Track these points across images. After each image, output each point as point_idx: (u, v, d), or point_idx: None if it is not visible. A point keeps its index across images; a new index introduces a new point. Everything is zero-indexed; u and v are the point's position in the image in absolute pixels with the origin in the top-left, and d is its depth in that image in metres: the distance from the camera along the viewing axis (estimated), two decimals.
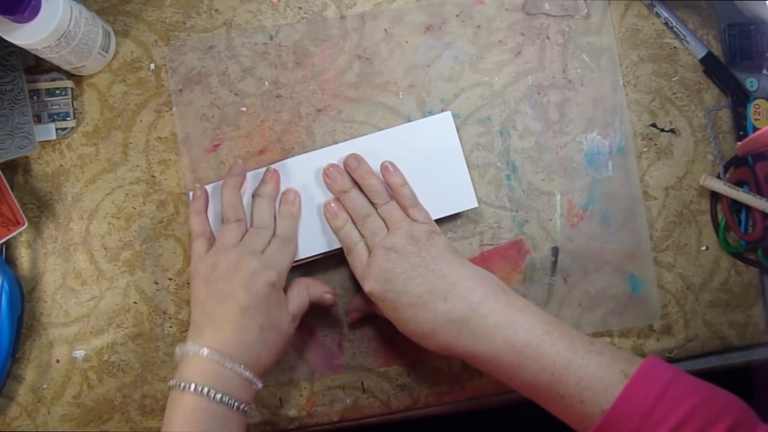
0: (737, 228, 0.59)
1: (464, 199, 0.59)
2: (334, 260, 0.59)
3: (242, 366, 0.48)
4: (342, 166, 0.57)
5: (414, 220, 0.54)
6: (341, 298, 0.59)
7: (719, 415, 0.42)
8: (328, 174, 0.57)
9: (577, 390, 0.45)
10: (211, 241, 0.55)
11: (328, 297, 0.56)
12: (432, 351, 0.51)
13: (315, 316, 0.59)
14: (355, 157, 0.57)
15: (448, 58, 0.60)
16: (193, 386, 0.47)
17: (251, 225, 0.55)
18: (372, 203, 0.56)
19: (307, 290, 0.55)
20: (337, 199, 0.57)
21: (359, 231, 0.55)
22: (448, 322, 0.49)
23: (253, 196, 0.56)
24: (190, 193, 0.58)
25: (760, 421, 0.44)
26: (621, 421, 0.43)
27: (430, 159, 0.59)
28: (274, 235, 0.55)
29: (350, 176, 0.57)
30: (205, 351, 0.48)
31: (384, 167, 0.57)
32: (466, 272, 0.51)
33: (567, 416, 0.47)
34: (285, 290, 0.54)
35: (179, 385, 0.47)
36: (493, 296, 0.50)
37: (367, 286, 0.52)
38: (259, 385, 0.50)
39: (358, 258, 0.54)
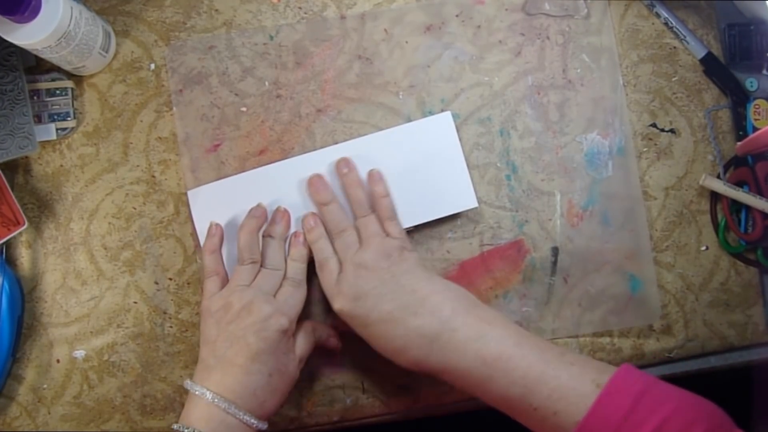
0: (737, 228, 0.59)
1: (464, 199, 0.59)
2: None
3: (247, 413, 0.49)
4: (335, 169, 0.57)
5: (387, 234, 0.54)
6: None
7: (693, 423, 0.42)
8: (312, 183, 0.57)
9: (550, 402, 0.45)
10: (224, 279, 0.55)
11: (332, 341, 0.57)
12: (405, 368, 0.51)
13: (315, 316, 0.59)
14: (346, 163, 0.57)
15: (448, 58, 0.61)
16: None
17: (262, 264, 0.55)
18: (353, 213, 0.56)
19: (314, 334, 0.56)
20: (314, 214, 0.57)
21: (333, 245, 0.55)
22: (418, 338, 0.49)
23: (264, 236, 0.56)
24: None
25: (736, 427, 0.43)
26: (595, 431, 0.43)
27: (430, 159, 0.59)
28: (285, 277, 0.55)
29: (337, 182, 0.57)
30: (210, 395, 0.48)
31: (370, 175, 0.57)
32: (436, 287, 0.51)
33: (542, 429, 0.47)
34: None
35: (183, 430, 0.48)
36: (463, 310, 0.49)
37: (337, 304, 0.52)
38: (264, 427, 0.50)
39: (329, 274, 0.54)
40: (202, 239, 0.58)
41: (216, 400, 0.48)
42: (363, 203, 0.56)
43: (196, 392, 0.49)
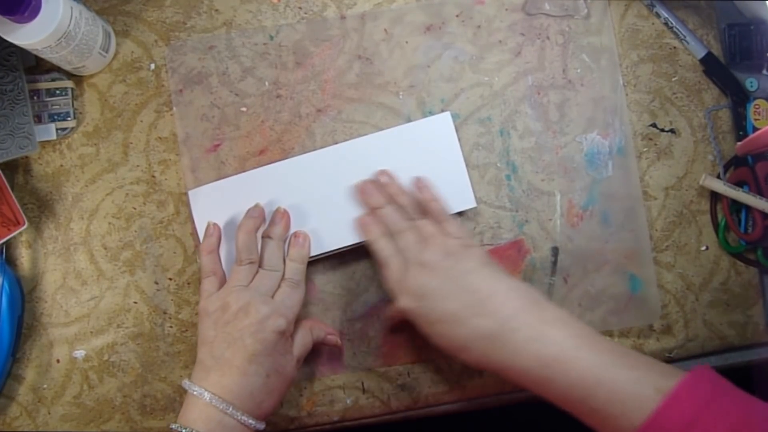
0: (737, 228, 0.59)
1: (463, 199, 0.59)
2: (336, 260, 0.59)
3: (245, 413, 0.49)
4: (374, 177, 0.58)
5: (448, 234, 0.54)
6: (341, 297, 0.59)
7: None
8: (363, 190, 0.57)
9: (608, 405, 0.45)
10: (222, 280, 0.55)
11: (331, 338, 0.57)
12: (466, 364, 0.51)
13: (313, 316, 0.59)
14: (387, 174, 0.57)
15: (448, 58, 0.61)
16: None
17: (260, 265, 0.55)
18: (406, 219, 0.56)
19: (311, 333, 0.56)
20: (370, 214, 0.57)
21: (394, 245, 0.55)
22: (479, 338, 0.49)
23: (263, 237, 0.56)
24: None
25: None
26: None
27: (429, 159, 0.59)
28: (283, 277, 0.55)
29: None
30: (208, 396, 0.49)
31: (417, 181, 0.57)
32: (499, 286, 0.51)
33: (602, 429, 0.46)
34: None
35: (181, 430, 0.48)
36: (525, 310, 0.49)
37: (402, 302, 0.52)
38: (261, 427, 0.50)
39: (393, 272, 0.54)
40: (202, 239, 0.58)
41: (214, 401, 0.48)
42: (412, 208, 0.56)
43: (194, 392, 0.49)
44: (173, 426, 0.49)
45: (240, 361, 0.50)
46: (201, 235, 0.58)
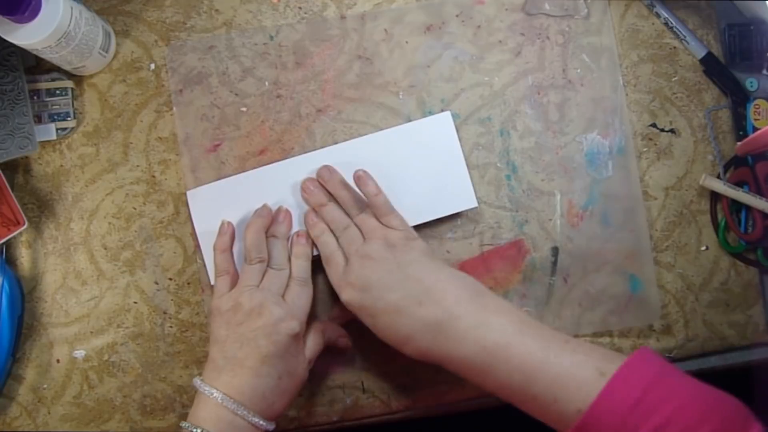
0: (737, 228, 0.59)
1: (464, 199, 0.59)
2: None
3: (256, 414, 0.49)
4: (317, 178, 0.58)
5: (390, 228, 0.54)
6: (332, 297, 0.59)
7: (705, 416, 0.41)
8: (304, 188, 0.57)
9: (551, 390, 0.45)
10: (234, 279, 0.55)
11: (342, 341, 0.57)
12: (411, 357, 0.51)
13: (319, 314, 0.59)
14: (328, 169, 0.57)
15: (448, 58, 0.60)
16: None
17: (268, 264, 0.55)
18: (347, 214, 0.56)
19: (323, 335, 0.56)
20: (314, 211, 0.57)
21: (337, 241, 0.55)
22: (423, 327, 0.49)
23: (268, 236, 0.56)
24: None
25: (755, 421, 0.42)
26: (599, 421, 0.42)
27: (430, 159, 0.59)
28: (290, 276, 0.55)
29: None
30: (220, 397, 0.48)
31: (357, 176, 0.57)
32: (442, 276, 0.51)
33: (544, 417, 0.46)
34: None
35: (191, 430, 0.48)
36: (467, 298, 0.49)
37: (345, 295, 0.52)
38: (271, 427, 0.50)
39: (336, 267, 0.54)
40: (201, 239, 0.58)
41: (225, 402, 0.48)
42: (353, 203, 0.56)
43: (205, 392, 0.49)
44: (183, 424, 0.49)
45: (252, 362, 0.50)
46: (200, 234, 0.58)
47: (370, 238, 0.53)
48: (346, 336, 0.58)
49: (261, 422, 0.49)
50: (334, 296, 0.57)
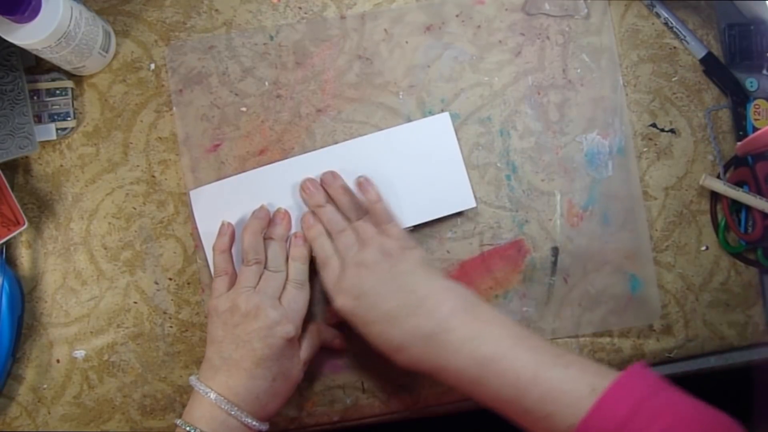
0: (737, 228, 0.59)
1: (462, 199, 0.59)
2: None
3: (249, 415, 0.49)
4: (321, 184, 0.58)
5: (387, 236, 0.54)
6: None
7: None
8: (304, 188, 0.58)
9: (542, 404, 0.45)
10: (233, 279, 0.55)
11: (337, 342, 0.58)
12: (403, 366, 0.50)
13: (315, 316, 0.59)
14: (332, 174, 0.58)
15: (448, 58, 0.61)
16: None
17: (264, 266, 0.55)
18: (347, 219, 0.56)
19: (319, 336, 0.56)
20: (312, 213, 0.57)
21: (334, 245, 0.55)
22: (415, 338, 0.49)
23: (265, 238, 0.56)
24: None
25: None
26: None
27: (429, 159, 0.59)
28: (287, 278, 0.55)
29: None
30: (214, 396, 0.49)
31: (359, 183, 0.57)
32: (436, 286, 0.51)
33: (535, 430, 0.46)
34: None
35: (185, 428, 0.49)
36: (461, 310, 0.49)
37: (338, 302, 0.52)
38: (264, 428, 0.51)
39: (331, 272, 0.54)
40: (203, 239, 0.58)
41: (219, 402, 0.49)
42: (353, 208, 0.56)
43: (200, 391, 0.50)
44: (178, 422, 0.49)
45: (247, 363, 0.50)
46: (202, 234, 0.58)
47: (366, 246, 0.53)
48: (341, 337, 0.58)
49: (254, 423, 0.49)
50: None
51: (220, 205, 0.58)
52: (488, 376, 0.46)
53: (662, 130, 0.61)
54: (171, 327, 0.59)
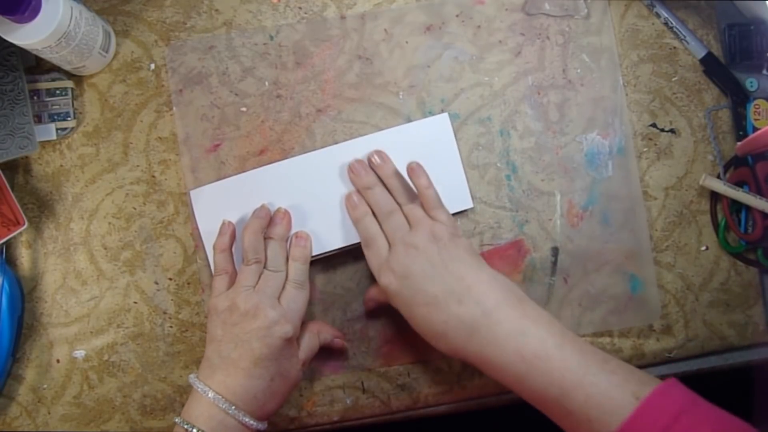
0: (737, 228, 0.59)
1: (460, 200, 0.59)
2: (336, 260, 0.59)
3: (247, 414, 0.49)
4: (366, 161, 0.57)
5: (437, 221, 0.54)
6: (341, 297, 0.59)
7: None
8: (352, 169, 0.57)
9: (585, 408, 0.44)
10: (233, 278, 0.55)
11: (337, 342, 0.57)
12: (441, 352, 0.51)
13: (315, 316, 0.59)
14: (380, 155, 0.57)
15: (448, 58, 0.61)
16: (195, 430, 0.48)
17: (264, 266, 0.55)
18: (396, 202, 0.56)
19: (318, 336, 0.56)
20: (359, 193, 0.57)
21: (380, 226, 0.55)
22: (459, 325, 0.49)
23: (265, 238, 0.56)
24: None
25: None
26: None
27: (427, 159, 0.58)
28: (287, 278, 0.55)
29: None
30: (212, 395, 0.49)
31: (410, 168, 0.56)
32: (484, 276, 0.50)
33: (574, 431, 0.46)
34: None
35: (183, 425, 0.49)
36: (508, 304, 0.49)
37: (385, 279, 0.52)
38: (262, 427, 0.51)
39: (377, 251, 0.54)
40: (204, 238, 0.58)
41: (217, 401, 0.49)
42: (404, 191, 0.56)
43: (199, 389, 0.50)
44: (177, 420, 0.49)
45: (246, 363, 0.50)
46: (203, 234, 0.58)
47: (417, 228, 0.53)
48: (342, 337, 0.58)
49: (252, 422, 0.49)
50: (358, 287, 0.57)
51: (221, 204, 0.58)
52: (534, 374, 0.46)
53: (662, 130, 0.61)
54: (171, 327, 0.59)
